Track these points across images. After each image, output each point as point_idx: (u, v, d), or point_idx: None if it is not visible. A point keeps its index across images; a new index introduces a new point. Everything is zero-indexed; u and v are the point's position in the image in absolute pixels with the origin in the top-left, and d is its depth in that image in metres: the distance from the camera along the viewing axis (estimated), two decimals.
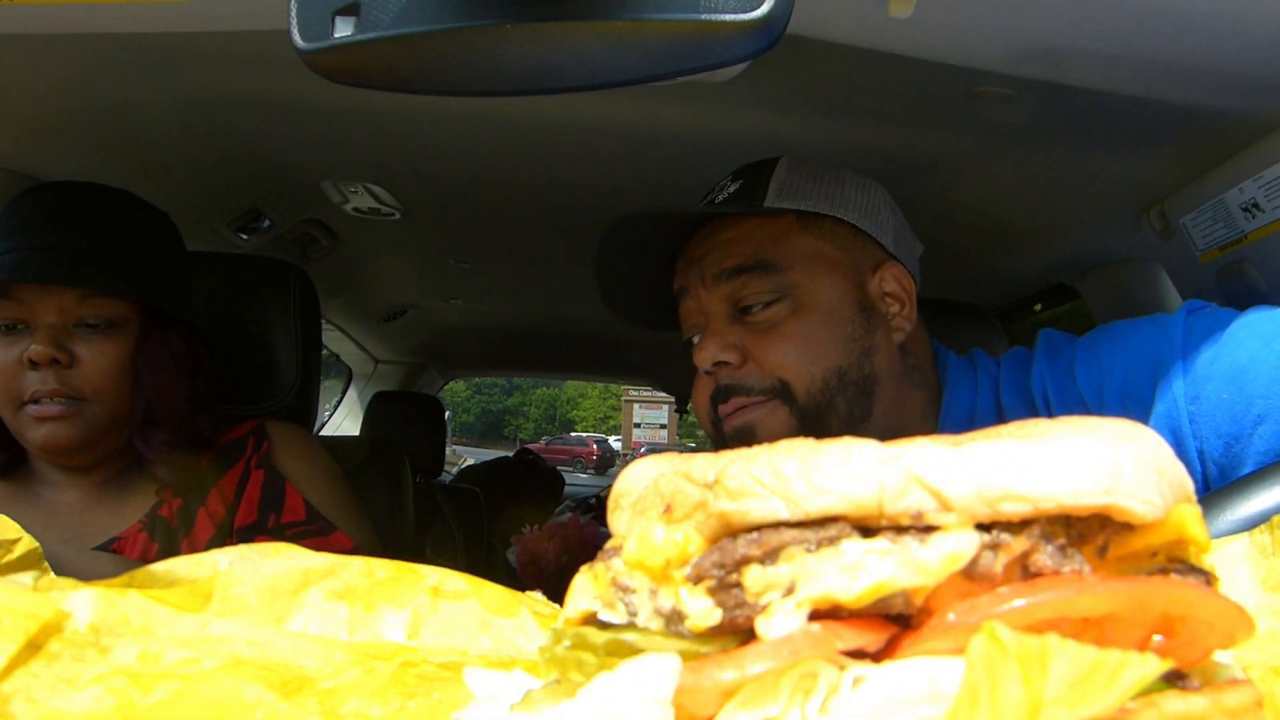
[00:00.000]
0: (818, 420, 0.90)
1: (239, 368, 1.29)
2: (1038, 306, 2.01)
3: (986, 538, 0.24)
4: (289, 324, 1.34)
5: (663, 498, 0.29)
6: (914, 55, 0.84)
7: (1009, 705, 0.22)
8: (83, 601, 0.35)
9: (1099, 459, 0.25)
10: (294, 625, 0.38)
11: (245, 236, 1.69)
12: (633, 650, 0.27)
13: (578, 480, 9.12)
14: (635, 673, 0.26)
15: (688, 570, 0.27)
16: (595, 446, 22.21)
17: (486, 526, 2.89)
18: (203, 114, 1.26)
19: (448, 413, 3.60)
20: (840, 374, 0.90)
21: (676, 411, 5.00)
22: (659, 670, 0.26)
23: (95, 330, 1.04)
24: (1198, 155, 1.08)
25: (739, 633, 0.26)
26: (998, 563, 0.24)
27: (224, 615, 0.37)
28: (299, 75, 0.54)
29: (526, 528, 2.26)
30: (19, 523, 1.19)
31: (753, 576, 0.25)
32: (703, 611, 0.26)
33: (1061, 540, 0.25)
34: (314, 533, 1.17)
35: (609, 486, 0.37)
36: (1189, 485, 0.27)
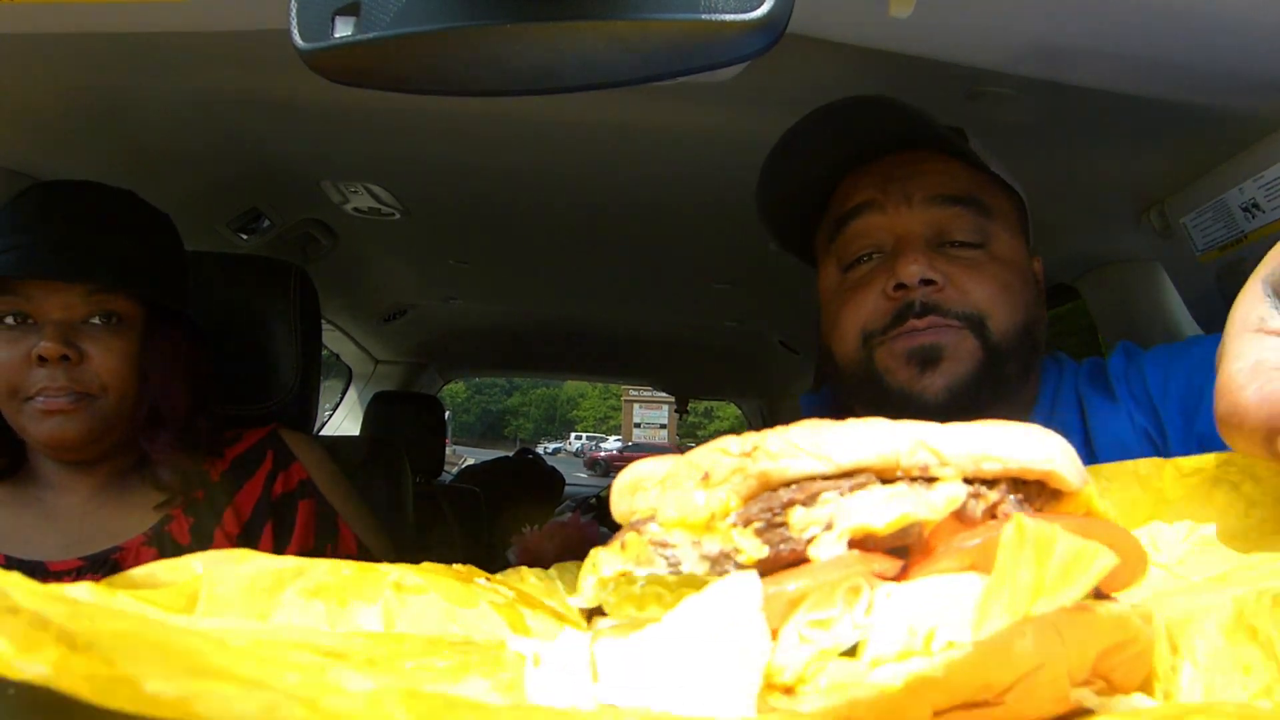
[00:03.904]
0: (1000, 364, 0.87)
1: (239, 368, 1.29)
2: None
3: (971, 489, 0.31)
4: (289, 324, 1.34)
5: (699, 469, 0.32)
6: (914, 55, 0.84)
7: (1022, 587, 0.29)
8: None
9: (1046, 439, 0.33)
10: (277, 621, 0.38)
11: (245, 236, 1.69)
12: (704, 583, 0.30)
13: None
14: (723, 589, 0.30)
15: (732, 519, 0.31)
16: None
17: (486, 526, 2.89)
18: (203, 114, 1.26)
19: (448, 413, 3.60)
20: (1026, 328, 0.89)
21: (676, 411, 5.00)
22: (746, 584, 0.30)
23: (101, 327, 1.04)
24: (1198, 155, 1.08)
25: (782, 565, 0.31)
26: (979, 509, 0.31)
27: (212, 614, 0.37)
28: (299, 75, 0.54)
29: (526, 528, 2.26)
30: (18, 527, 1.19)
31: (796, 517, 0.30)
32: (753, 547, 0.30)
33: (1020, 496, 0.33)
34: None
35: (609, 486, 0.40)
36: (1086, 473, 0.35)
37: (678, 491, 0.32)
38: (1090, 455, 0.90)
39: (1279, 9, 0.73)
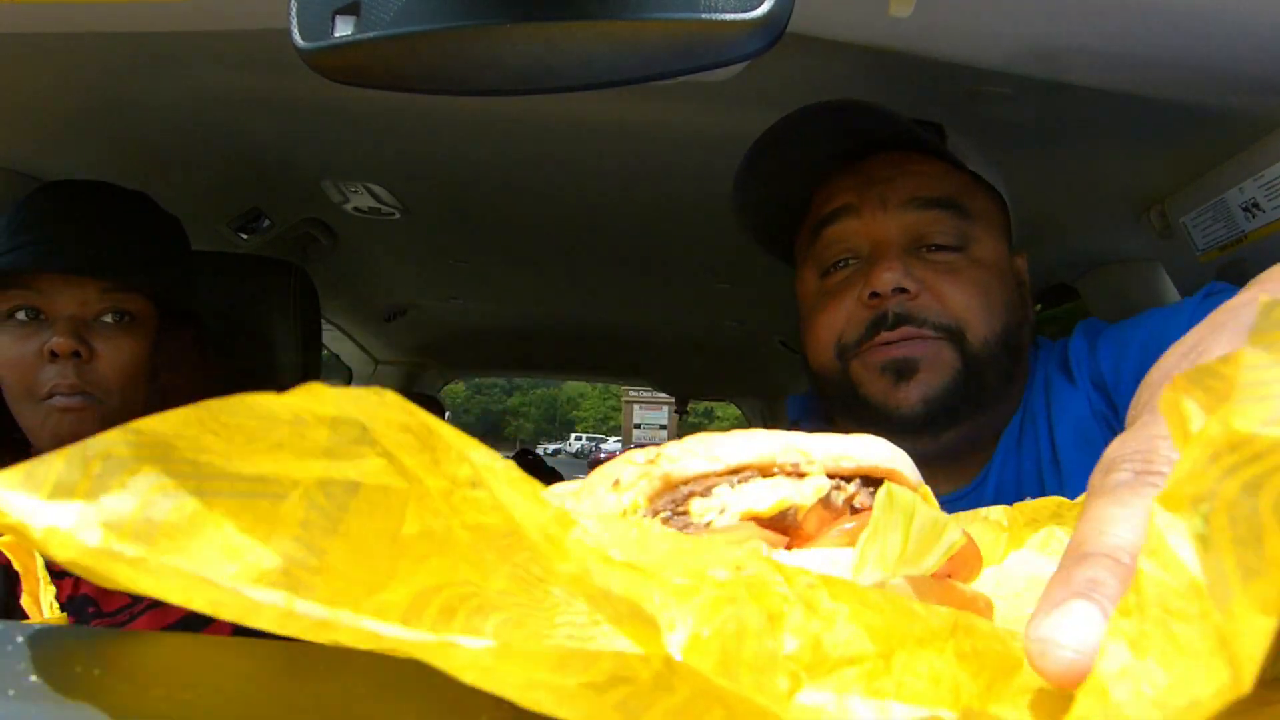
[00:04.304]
0: (979, 374, 0.86)
1: (239, 368, 1.29)
2: (1038, 306, 2.01)
3: (833, 483, 0.37)
4: (289, 324, 1.34)
5: (610, 477, 0.37)
6: (914, 53, 0.84)
7: (891, 545, 0.34)
8: None
9: (892, 448, 0.40)
10: None
11: (245, 236, 1.69)
12: None
13: None
14: None
15: (642, 513, 0.36)
16: None
17: None
18: (203, 114, 1.26)
19: (448, 413, 3.59)
20: (1006, 333, 0.88)
21: (676, 412, 5.00)
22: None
23: (114, 325, 1.04)
24: (1198, 155, 1.08)
25: None
26: (840, 498, 0.37)
27: None
28: (299, 75, 0.54)
29: None
30: None
31: (696, 506, 0.36)
32: None
33: (871, 490, 0.39)
34: None
35: None
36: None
37: (592, 498, 0.37)
38: (1051, 441, 0.89)
39: (1279, 9, 0.73)
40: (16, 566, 0.48)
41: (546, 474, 4.13)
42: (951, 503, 0.90)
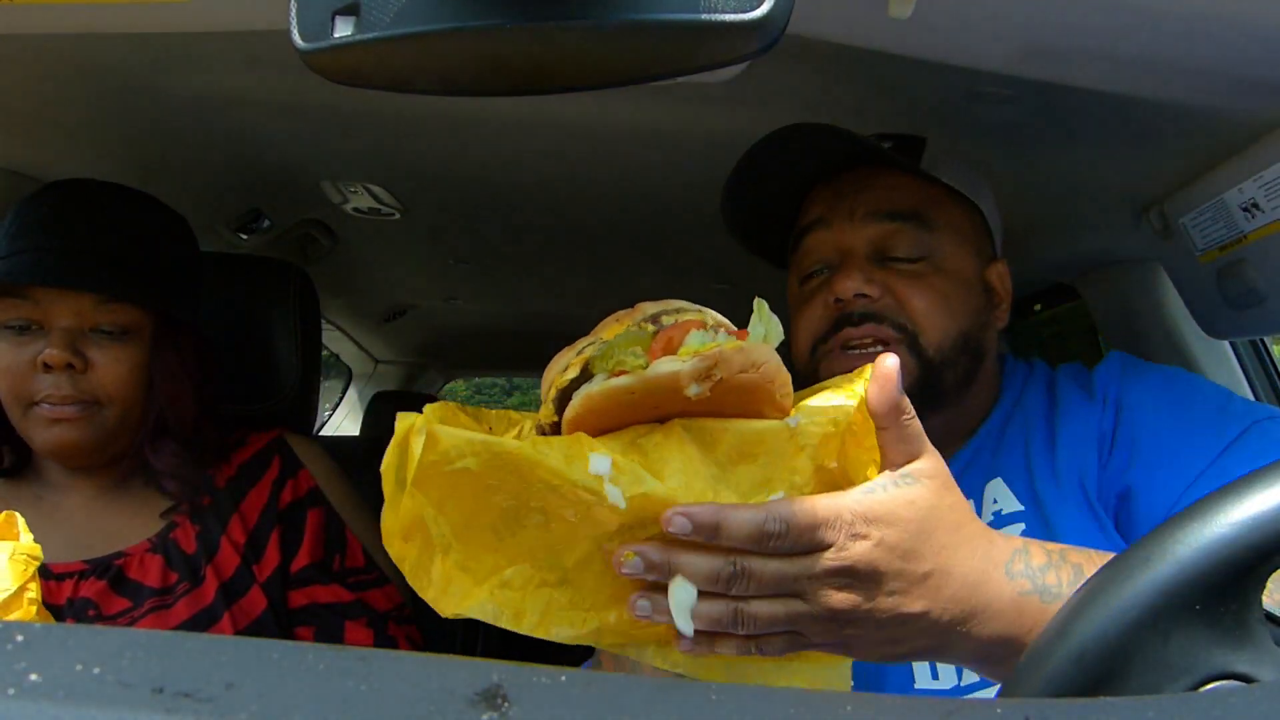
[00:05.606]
0: (935, 377, 0.92)
1: (239, 368, 1.29)
2: (1038, 306, 2.01)
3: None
4: (289, 324, 1.34)
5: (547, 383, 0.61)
6: (914, 55, 0.84)
7: None
8: None
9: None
10: None
11: (245, 237, 1.69)
12: None
13: None
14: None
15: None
16: None
17: None
18: (203, 114, 1.26)
19: None
20: (965, 337, 0.94)
21: None
22: None
23: (109, 336, 1.03)
24: (1198, 155, 1.08)
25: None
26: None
27: None
28: (299, 75, 0.54)
29: None
30: None
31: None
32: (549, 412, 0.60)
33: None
34: (371, 583, 1.17)
35: None
36: None
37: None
38: (1052, 433, 0.94)
39: (1279, 9, 0.73)
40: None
41: None
42: None
